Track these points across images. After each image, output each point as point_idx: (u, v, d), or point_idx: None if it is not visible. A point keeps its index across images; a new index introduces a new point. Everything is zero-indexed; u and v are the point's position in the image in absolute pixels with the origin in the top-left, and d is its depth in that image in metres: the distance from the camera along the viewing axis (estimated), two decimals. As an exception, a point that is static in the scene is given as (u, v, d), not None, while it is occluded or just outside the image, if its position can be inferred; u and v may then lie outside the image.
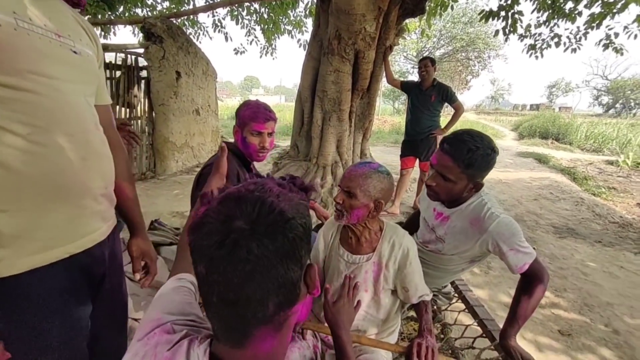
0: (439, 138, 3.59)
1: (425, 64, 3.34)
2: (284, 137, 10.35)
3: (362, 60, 3.68)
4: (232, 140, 1.47)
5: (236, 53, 7.06)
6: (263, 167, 4.70)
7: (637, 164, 7.24)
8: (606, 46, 5.28)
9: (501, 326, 1.11)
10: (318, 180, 3.88)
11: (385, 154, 7.76)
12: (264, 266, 0.40)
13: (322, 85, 3.78)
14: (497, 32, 4.83)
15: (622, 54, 5.80)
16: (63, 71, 0.67)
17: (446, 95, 3.35)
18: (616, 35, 4.96)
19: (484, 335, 1.18)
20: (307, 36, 5.76)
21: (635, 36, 5.07)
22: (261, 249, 0.40)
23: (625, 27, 4.90)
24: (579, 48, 5.40)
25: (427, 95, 3.38)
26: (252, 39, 6.97)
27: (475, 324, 1.25)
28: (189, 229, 0.44)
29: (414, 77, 28.95)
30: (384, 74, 3.87)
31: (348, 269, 1.13)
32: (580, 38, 5.28)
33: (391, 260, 1.11)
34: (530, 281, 1.08)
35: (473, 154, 1.08)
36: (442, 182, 1.15)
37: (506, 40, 5.09)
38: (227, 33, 6.58)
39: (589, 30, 4.93)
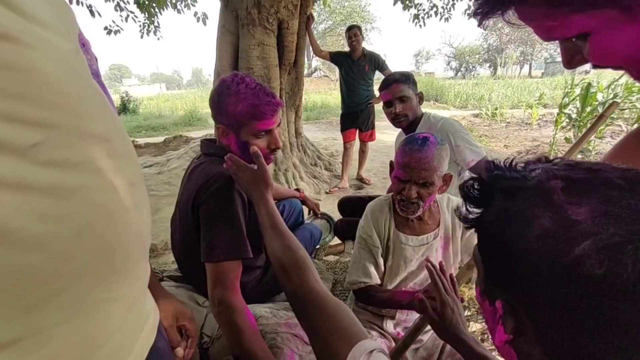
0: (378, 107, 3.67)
1: (355, 33, 3.28)
2: (193, 128, 9.19)
3: (287, 31, 3.39)
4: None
5: (108, 33, 5.66)
6: (173, 163, 4.03)
7: (493, 114, 9.04)
8: (470, 15, 6.23)
9: None
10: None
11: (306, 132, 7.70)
12: None
13: (247, 61, 3.36)
14: (396, 1, 5.22)
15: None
16: None
17: (378, 64, 3.40)
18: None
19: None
20: (202, 8, 4.98)
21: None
22: None
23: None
24: (450, 17, 6.24)
25: (360, 66, 3.36)
26: (127, 15, 5.68)
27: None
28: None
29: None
30: (309, 46, 3.68)
31: (417, 254, 1.01)
32: (450, 8, 6.08)
33: (457, 229, 1.02)
34: None
35: (406, 74, 1.53)
36: (403, 104, 1.49)
37: (404, 8, 5.51)
38: (91, 6, 5.17)
39: (455, 1, 5.74)
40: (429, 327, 1.02)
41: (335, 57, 3.51)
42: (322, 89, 22.74)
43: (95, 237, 0.29)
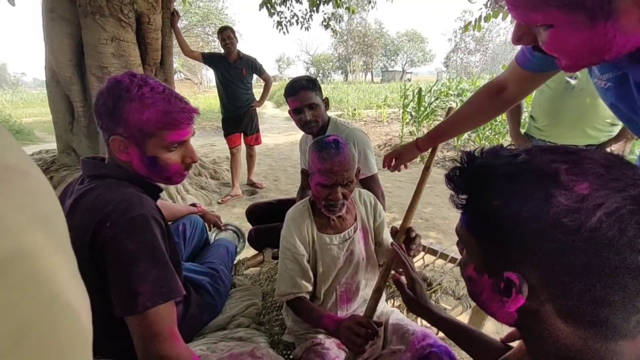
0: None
1: (228, 35, 3.14)
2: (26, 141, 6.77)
3: (148, 26, 2.95)
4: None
5: None
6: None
7: (353, 114, 10.34)
8: (326, 27, 6.96)
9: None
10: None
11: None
12: None
13: (97, 59, 2.75)
14: (260, 5, 5.31)
15: (335, 33, 7.83)
16: None
17: (255, 68, 3.36)
18: (329, 18, 6.62)
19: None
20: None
21: (339, 20, 7.01)
22: None
23: (333, 14, 6.64)
24: (310, 27, 6.81)
25: (237, 69, 3.25)
26: None
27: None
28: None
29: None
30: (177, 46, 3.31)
31: (342, 250, 1.06)
32: (308, 19, 6.63)
33: (370, 217, 1.12)
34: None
35: (312, 79, 1.51)
36: (312, 112, 1.47)
37: (270, 15, 5.65)
38: None
39: (312, 12, 6.28)
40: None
41: (210, 59, 3.29)
42: (186, 92, 20.87)
43: (41, 337, 0.16)
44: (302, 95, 1.46)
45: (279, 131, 8.01)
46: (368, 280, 1.10)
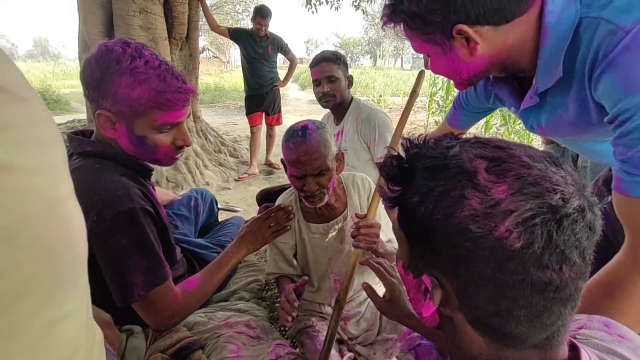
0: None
1: (267, 23, 3.13)
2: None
3: (175, 0, 2.96)
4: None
5: None
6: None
7: (378, 101, 10.06)
8: (356, 7, 6.73)
9: None
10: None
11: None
12: None
13: (125, 30, 2.80)
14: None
15: (366, 14, 7.57)
16: None
17: (281, 47, 3.32)
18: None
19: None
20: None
21: (371, 1, 6.76)
22: None
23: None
24: (340, 7, 6.62)
25: (263, 47, 3.22)
26: None
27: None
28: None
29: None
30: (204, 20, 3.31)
31: (331, 239, 1.02)
32: (339, -1, 6.42)
33: (364, 204, 1.06)
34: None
35: (337, 53, 1.52)
36: (332, 85, 1.47)
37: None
38: None
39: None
40: (363, 298, 1.07)
41: (236, 35, 3.27)
42: (213, 70, 21.10)
43: (34, 238, 0.21)
44: (323, 66, 1.46)
45: (301, 114, 7.97)
46: (364, 269, 1.05)
